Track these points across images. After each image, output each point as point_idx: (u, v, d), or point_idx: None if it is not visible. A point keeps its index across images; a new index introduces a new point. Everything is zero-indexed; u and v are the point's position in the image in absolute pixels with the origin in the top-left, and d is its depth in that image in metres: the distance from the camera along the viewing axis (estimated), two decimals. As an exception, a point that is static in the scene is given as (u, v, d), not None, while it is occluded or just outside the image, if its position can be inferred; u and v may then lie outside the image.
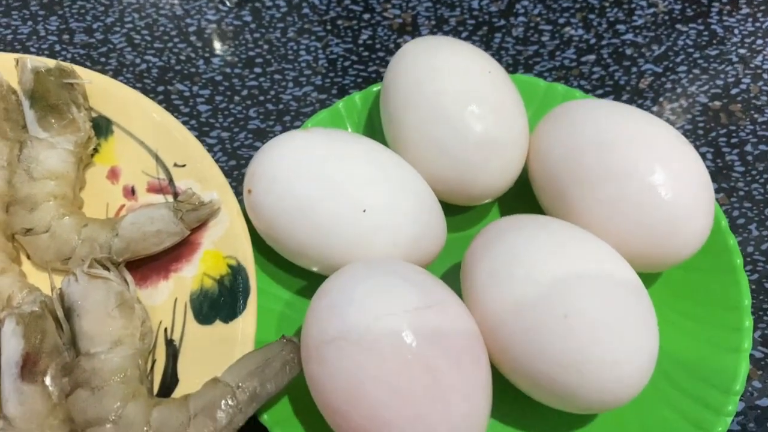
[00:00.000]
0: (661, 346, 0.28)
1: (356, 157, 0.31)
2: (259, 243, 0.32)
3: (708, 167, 0.39)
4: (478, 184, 0.32)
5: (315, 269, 0.31)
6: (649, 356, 0.27)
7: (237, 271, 0.31)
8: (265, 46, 0.44)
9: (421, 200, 0.31)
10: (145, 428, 0.26)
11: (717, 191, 0.38)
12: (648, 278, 0.32)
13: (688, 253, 0.30)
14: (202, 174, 0.33)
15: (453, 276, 0.32)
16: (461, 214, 0.36)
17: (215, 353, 0.29)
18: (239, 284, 0.30)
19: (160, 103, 0.40)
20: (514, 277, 0.27)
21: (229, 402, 0.26)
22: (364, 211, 0.29)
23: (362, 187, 0.30)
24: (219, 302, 0.30)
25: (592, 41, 0.45)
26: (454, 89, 0.32)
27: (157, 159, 0.35)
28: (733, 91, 0.42)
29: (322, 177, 0.30)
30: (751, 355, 0.33)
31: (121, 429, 0.26)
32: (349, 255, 0.29)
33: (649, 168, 0.29)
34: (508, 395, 0.29)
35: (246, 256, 0.31)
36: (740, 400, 0.31)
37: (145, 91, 0.41)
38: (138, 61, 0.43)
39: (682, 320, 0.32)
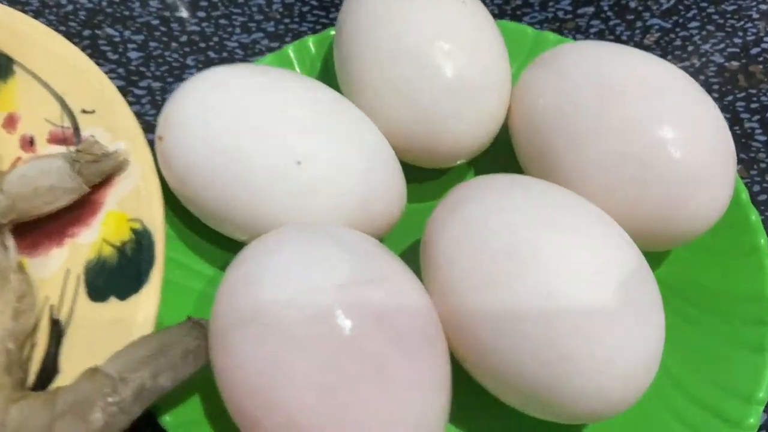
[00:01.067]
0: (667, 342, 0.22)
1: (292, 97, 0.25)
2: (181, 208, 0.26)
3: (724, 135, 0.33)
4: (447, 138, 0.26)
5: (244, 238, 0.25)
6: (651, 353, 0.21)
7: (141, 237, 0.25)
8: (213, -12, 0.38)
9: (373, 154, 0.25)
10: (-3, 430, 0.20)
11: (734, 162, 0.33)
12: (653, 260, 0.26)
13: (703, 228, 0.25)
14: (113, 122, 0.28)
15: (413, 255, 0.26)
16: (428, 180, 0.30)
17: (108, 338, 0.23)
18: (142, 253, 0.24)
19: (85, 48, 0.35)
20: (486, 248, 0.22)
21: (108, 399, 0.20)
22: (299, 163, 0.23)
23: (298, 133, 0.24)
24: (116, 275, 0.24)
25: (591, -8, 0.39)
26: (420, 21, 0.26)
27: (63, 104, 0.29)
28: (754, 51, 0.37)
29: (248, 120, 0.24)
30: (776, 356, 0.27)
31: (-35, 431, 0.20)
32: (280, 218, 0.24)
33: (657, 120, 0.24)
34: (472, 399, 0.23)
35: (153, 219, 0.25)
36: (764, 411, 0.25)
37: (69, 35, 0.36)
38: (64, 1, 0.37)
39: (693, 311, 0.27)
